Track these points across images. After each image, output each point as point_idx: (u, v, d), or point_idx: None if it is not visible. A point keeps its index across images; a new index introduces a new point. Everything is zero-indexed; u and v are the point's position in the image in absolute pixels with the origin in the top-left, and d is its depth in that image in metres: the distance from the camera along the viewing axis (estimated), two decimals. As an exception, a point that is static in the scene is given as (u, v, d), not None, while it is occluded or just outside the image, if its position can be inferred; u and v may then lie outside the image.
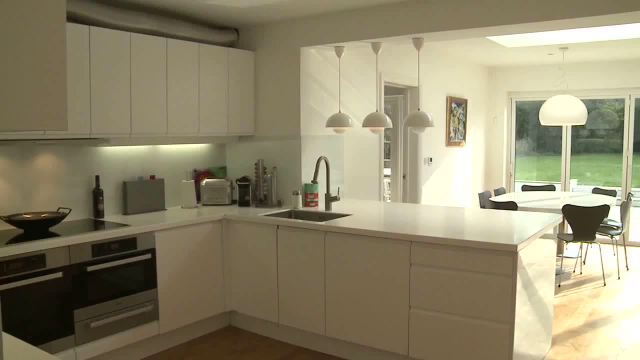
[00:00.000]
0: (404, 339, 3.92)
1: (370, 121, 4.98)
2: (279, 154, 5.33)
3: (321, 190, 5.11)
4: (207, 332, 4.82)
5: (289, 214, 4.97)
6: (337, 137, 5.53)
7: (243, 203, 5.23)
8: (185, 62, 4.80)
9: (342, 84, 5.48)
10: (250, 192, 5.25)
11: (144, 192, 4.87)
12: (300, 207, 5.07)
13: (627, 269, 7.14)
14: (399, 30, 4.64)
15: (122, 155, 4.81)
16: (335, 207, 4.98)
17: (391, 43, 5.04)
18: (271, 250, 4.55)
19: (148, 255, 4.21)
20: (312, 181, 4.92)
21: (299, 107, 5.17)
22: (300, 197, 5.09)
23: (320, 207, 5.08)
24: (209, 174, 5.49)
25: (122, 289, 4.06)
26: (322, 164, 4.92)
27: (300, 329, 4.48)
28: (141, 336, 4.20)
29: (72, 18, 4.05)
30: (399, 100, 7.24)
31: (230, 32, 5.38)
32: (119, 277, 4.04)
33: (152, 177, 4.98)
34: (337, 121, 5.11)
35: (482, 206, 7.04)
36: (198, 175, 5.38)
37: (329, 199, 4.95)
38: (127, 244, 4.09)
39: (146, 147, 4.98)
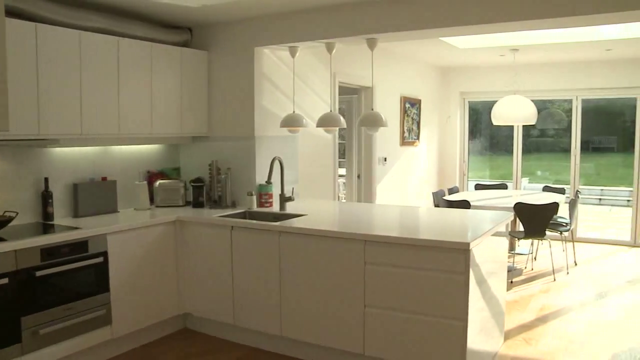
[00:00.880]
0: (359, 337, 3.94)
1: (324, 121, 4.99)
2: (233, 154, 5.29)
3: (276, 191, 5.09)
4: (161, 335, 4.76)
5: (244, 215, 4.94)
6: (292, 137, 5.52)
7: (197, 204, 5.18)
8: (138, 62, 4.72)
9: (296, 84, 5.48)
10: (204, 193, 5.20)
11: (96, 194, 4.77)
12: (255, 208, 5.05)
13: (575, 264, 7.33)
14: (352, 31, 4.66)
15: (72, 156, 4.70)
16: (290, 208, 4.97)
17: (345, 43, 5.06)
18: (226, 252, 4.52)
19: (100, 259, 4.12)
20: (266, 182, 4.90)
21: (253, 108, 5.15)
22: (254, 197, 5.07)
23: (275, 207, 5.06)
24: (162, 175, 5.41)
25: (73, 293, 3.97)
26: (277, 164, 4.91)
27: (256, 330, 4.46)
28: (94, 341, 4.12)
29: (18, 14, 3.93)
30: (353, 100, 7.28)
31: (183, 32, 5.32)
32: (70, 281, 3.95)
33: (104, 178, 4.88)
34: (291, 121, 5.11)
35: (436, 205, 7.13)
36: (151, 177, 5.31)
37: (284, 200, 4.94)
38: (78, 248, 3.99)
39: (98, 148, 4.88)
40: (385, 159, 7.65)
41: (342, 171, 7.60)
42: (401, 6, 4.42)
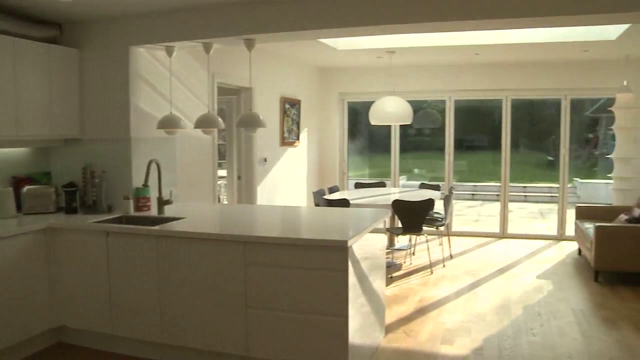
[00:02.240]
0: (242, 339, 3.92)
1: (202, 122, 4.92)
2: (108, 157, 5.08)
3: (153, 194, 4.95)
4: (33, 351, 4.46)
5: (120, 220, 4.76)
6: (169, 139, 5.39)
7: (70, 210, 4.93)
8: (-2, 59, 4.42)
9: (173, 85, 5.36)
10: (77, 198, 4.96)
11: (-45, 202, 4.43)
12: (132, 212, 4.88)
13: (451, 257, 7.68)
14: (230, 31, 4.63)
15: None
16: (169, 211, 4.86)
17: (223, 44, 5.01)
18: (101, 259, 4.34)
19: (-40, 272, 3.83)
20: (143, 185, 4.76)
21: (129, 109, 4.98)
22: (131, 201, 4.90)
23: (153, 211, 4.93)
24: (30, 180, 5.10)
25: None
26: (154, 166, 4.79)
27: (137, 338, 4.32)
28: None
29: None
30: (233, 101, 7.23)
31: (51, 27, 5.03)
32: None
33: (-36, 185, 4.55)
34: (168, 123, 4.99)
35: (317, 204, 7.22)
36: (18, 182, 4.98)
37: (162, 203, 4.82)
38: None
39: (-44, 152, 4.53)
40: (265, 160, 7.66)
41: (223, 172, 7.53)
42: (279, 7, 4.44)
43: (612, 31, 6.47)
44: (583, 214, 7.88)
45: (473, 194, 15.64)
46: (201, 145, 6.11)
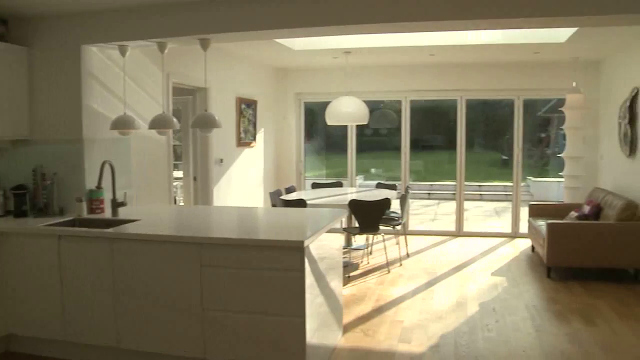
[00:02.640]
0: (200, 342, 3.88)
1: (157, 123, 4.85)
2: (59, 158, 4.96)
3: (107, 196, 4.86)
4: (-21, 361, 4.35)
5: (73, 223, 4.64)
6: (124, 139, 5.30)
7: (19, 214, 4.79)
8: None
9: (127, 85, 5.27)
10: (27, 201, 4.83)
11: None
12: (85, 215, 4.78)
13: (408, 256, 7.75)
14: (184, 31, 4.57)
15: None
16: (123, 213, 4.77)
17: (178, 43, 4.95)
18: (53, 263, 4.23)
19: None
20: (96, 187, 4.67)
21: (80, 109, 4.87)
22: (84, 204, 4.79)
23: (107, 213, 4.84)
24: (-22, 183, 4.96)
25: None
26: (107, 168, 4.70)
27: (91, 344, 4.22)
28: None
29: None
30: (189, 102, 7.16)
31: (-3, 25, 4.90)
32: None
33: None
34: (122, 123, 4.90)
35: (274, 205, 7.20)
36: (-36, 185, 4.84)
37: (116, 205, 4.74)
38: None
39: None
40: (221, 160, 7.60)
41: (179, 174, 7.44)
42: (234, 7, 4.41)
43: (562, 34, 6.63)
44: (536, 211, 8.05)
45: (429, 193, 15.82)
46: (156, 146, 6.02)
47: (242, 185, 8.36)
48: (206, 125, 4.77)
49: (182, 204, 7.51)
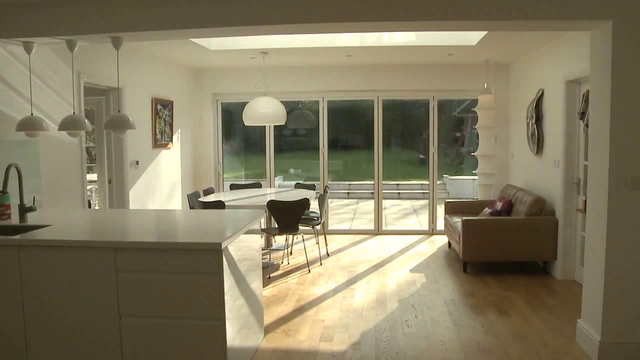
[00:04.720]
0: (117, 350, 3.75)
1: (67, 124, 4.66)
2: (-39, 162, 4.70)
3: (14, 201, 4.62)
4: None
5: (-24, 230, 4.41)
6: (31, 141, 5.06)
7: None
8: None
9: (34, 84, 5.04)
10: None
11: None
12: (-10, 221, 4.54)
13: (328, 255, 7.80)
14: (94, 29, 4.41)
15: None
16: (32, 219, 4.55)
17: (88, 41, 4.77)
18: (-45, 273, 3.98)
19: None
20: (1, 191, 4.44)
21: (-17, 110, 4.63)
22: (-11, 210, 4.55)
23: (14, 219, 4.60)
24: None
25: None
26: (14, 171, 4.47)
27: (-3, 357, 4.02)
28: None
29: None
30: (102, 102, 6.92)
31: None
32: None
33: None
34: (29, 125, 4.68)
35: (192, 207, 7.08)
36: None
37: (24, 210, 4.51)
38: None
39: None
40: (137, 162, 7.40)
41: (94, 176, 7.20)
42: (148, 5, 4.29)
43: (473, 37, 6.86)
44: (451, 209, 8.28)
45: (349, 193, 15.99)
46: (68, 148, 5.79)
47: (159, 188, 8.17)
48: (119, 127, 4.62)
49: (97, 207, 7.26)
